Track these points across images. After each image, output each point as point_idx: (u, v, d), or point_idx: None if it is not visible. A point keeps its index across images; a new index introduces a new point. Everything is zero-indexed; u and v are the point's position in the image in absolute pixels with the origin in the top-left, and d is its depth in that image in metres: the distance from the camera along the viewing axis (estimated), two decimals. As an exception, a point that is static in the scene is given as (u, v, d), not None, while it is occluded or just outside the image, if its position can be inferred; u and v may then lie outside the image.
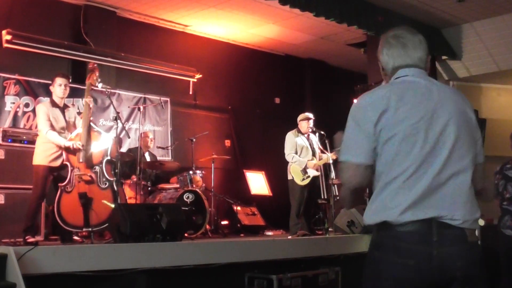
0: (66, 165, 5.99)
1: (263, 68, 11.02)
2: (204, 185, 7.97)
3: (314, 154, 7.63)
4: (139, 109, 8.13)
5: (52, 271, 4.29)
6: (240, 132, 10.55)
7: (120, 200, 6.32)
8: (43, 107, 6.15)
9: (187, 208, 7.10)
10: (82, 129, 6.12)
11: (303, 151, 7.59)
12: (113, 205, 5.77)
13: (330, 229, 7.59)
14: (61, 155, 6.04)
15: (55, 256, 4.37)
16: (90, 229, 5.84)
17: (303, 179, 7.51)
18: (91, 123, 6.27)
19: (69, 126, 6.23)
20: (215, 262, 5.53)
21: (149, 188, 7.67)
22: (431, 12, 8.76)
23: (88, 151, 6.12)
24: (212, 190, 8.28)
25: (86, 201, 5.91)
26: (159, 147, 8.93)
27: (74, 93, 7.77)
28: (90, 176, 6.07)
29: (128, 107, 8.92)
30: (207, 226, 7.51)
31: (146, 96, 9.22)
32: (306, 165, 7.50)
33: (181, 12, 9.17)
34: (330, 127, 9.20)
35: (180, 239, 5.60)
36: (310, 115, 7.75)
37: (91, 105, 6.39)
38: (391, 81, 2.44)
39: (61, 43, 8.28)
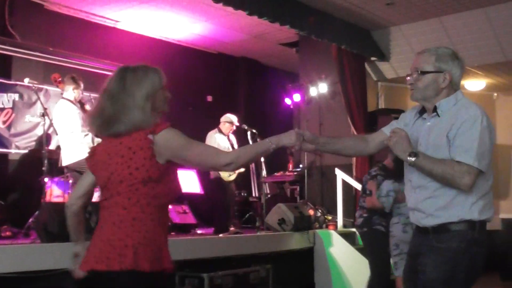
0: None
1: (195, 66, 10.97)
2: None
3: None
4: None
5: (-26, 272, 4.14)
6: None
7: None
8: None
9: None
10: None
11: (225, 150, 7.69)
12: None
13: (261, 227, 7.67)
14: None
15: (-23, 257, 4.22)
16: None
17: (230, 175, 7.61)
18: None
19: None
20: (145, 261, 5.46)
21: (78, 186, 7.48)
22: (361, 14, 8.96)
23: None
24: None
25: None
26: (88, 144, 8.73)
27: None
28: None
29: (56, 103, 8.66)
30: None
31: (76, 92, 8.97)
32: None
33: (111, 7, 9.00)
34: (262, 126, 9.31)
35: (110, 238, 5.50)
36: (235, 121, 7.87)
37: None
38: (470, 100, 2.79)
39: (-16, 36, 7.97)
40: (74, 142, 6.29)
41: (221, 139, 7.78)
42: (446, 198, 2.69)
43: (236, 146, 7.87)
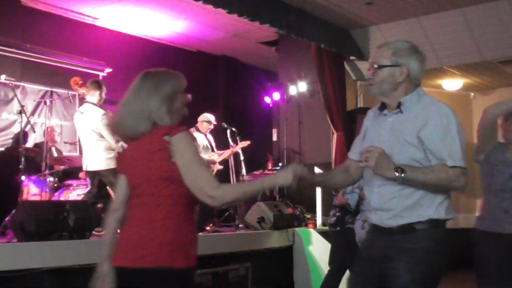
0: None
1: (175, 64, 10.86)
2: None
3: (213, 151, 7.84)
4: (45, 102, 7.87)
5: None
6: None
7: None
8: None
9: (96, 205, 6.93)
10: None
11: (203, 149, 7.73)
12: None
13: (240, 225, 7.67)
14: None
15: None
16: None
17: None
18: None
19: None
20: (124, 260, 5.43)
21: (56, 185, 7.42)
22: (341, 14, 9.00)
23: None
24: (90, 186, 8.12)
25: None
26: (67, 142, 8.66)
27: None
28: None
29: (34, 100, 8.58)
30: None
31: (53, 89, 8.90)
32: (208, 162, 7.65)
33: (90, 4, 8.92)
34: (242, 124, 9.30)
35: (88, 236, 5.47)
36: (213, 120, 7.89)
37: None
38: (431, 96, 2.75)
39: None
40: (101, 149, 6.32)
41: (199, 138, 7.80)
42: (413, 198, 2.63)
43: (214, 144, 7.89)
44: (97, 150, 6.33)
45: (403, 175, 2.55)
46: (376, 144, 2.66)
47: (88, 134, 6.40)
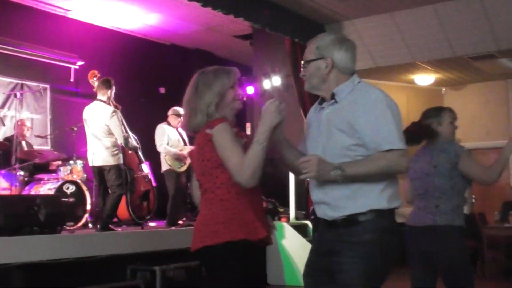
0: None
1: (148, 57, 10.84)
2: (85, 175, 7.74)
3: (185, 145, 7.81)
4: (15, 95, 7.76)
5: None
6: (124, 121, 10.31)
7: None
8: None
9: (67, 199, 6.88)
10: None
11: (174, 143, 7.71)
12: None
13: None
14: None
15: None
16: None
17: (181, 166, 7.63)
18: None
19: None
20: (96, 255, 5.41)
21: (26, 179, 7.33)
22: (315, 8, 9.02)
23: None
24: (94, 180, 8.06)
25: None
26: (38, 136, 8.55)
27: None
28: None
29: (3, 93, 8.45)
30: (88, 218, 7.33)
31: (24, 82, 8.76)
32: (178, 155, 7.62)
33: (62, -4, 8.81)
34: (216, 118, 9.27)
35: (59, 231, 5.41)
36: (181, 112, 7.85)
37: None
38: (367, 83, 2.75)
39: None
40: (108, 145, 6.56)
41: (170, 132, 7.80)
42: (352, 188, 2.59)
43: (186, 138, 7.86)
44: (104, 146, 6.55)
45: (339, 172, 2.53)
46: (316, 137, 2.73)
47: (96, 130, 6.59)
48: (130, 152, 7.58)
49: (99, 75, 7.32)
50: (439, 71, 10.84)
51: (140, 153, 7.92)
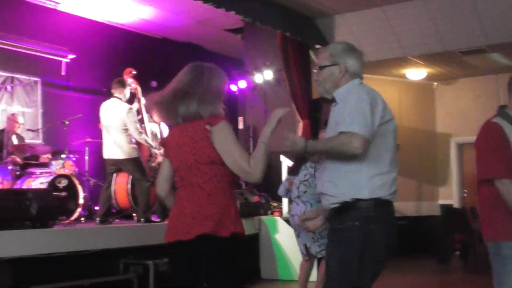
0: None
1: (139, 51, 10.79)
2: (77, 169, 7.72)
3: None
4: (6, 89, 7.71)
5: None
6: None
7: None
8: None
9: (59, 194, 6.86)
10: None
11: (154, 138, 7.69)
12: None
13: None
14: None
15: None
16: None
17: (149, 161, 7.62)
18: None
19: None
20: (88, 249, 5.40)
21: (18, 173, 7.29)
22: (306, 3, 9.02)
23: None
24: (86, 174, 8.05)
25: None
26: (29, 130, 8.49)
27: None
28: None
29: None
30: (81, 212, 7.31)
31: (14, 75, 8.69)
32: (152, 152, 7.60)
33: (52, -12, 8.75)
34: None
35: (51, 225, 5.40)
36: None
37: None
38: (361, 83, 3.00)
39: None
40: (124, 140, 6.90)
41: (153, 126, 7.81)
42: (341, 180, 2.83)
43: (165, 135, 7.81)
44: (120, 141, 6.88)
45: (304, 148, 2.84)
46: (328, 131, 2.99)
47: (113, 125, 6.91)
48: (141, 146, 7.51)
49: (134, 72, 7.69)
50: (430, 65, 10.88)
51: (152, 148, 7.76)
